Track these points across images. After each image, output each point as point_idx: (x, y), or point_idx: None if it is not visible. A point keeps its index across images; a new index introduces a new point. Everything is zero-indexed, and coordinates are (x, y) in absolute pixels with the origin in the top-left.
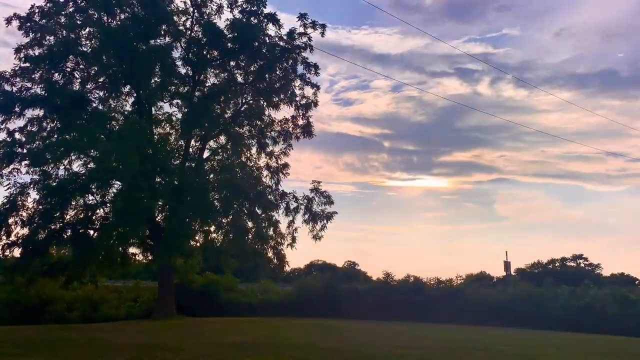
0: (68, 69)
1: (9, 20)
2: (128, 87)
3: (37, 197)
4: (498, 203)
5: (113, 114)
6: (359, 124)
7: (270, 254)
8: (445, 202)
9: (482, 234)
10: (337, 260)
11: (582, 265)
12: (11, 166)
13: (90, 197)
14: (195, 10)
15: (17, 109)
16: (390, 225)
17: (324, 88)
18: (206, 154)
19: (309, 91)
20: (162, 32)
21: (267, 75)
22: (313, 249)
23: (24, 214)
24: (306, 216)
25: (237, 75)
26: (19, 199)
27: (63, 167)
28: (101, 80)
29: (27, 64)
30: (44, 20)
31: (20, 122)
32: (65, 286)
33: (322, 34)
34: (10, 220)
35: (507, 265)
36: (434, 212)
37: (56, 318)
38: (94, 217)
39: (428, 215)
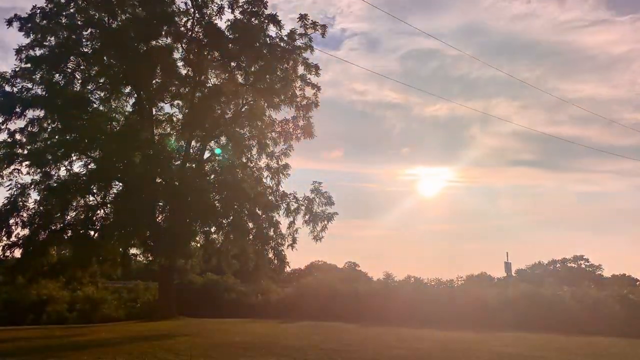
0: (69, 70)
1: (10, 21)
2: (129, 87)
3: (38, 197)
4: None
5: (114, 115)
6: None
7: (270, 255)
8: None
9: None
10: (337, 261)
11: (583, 266)
12: (12, 167)
13: (91, 198)
14: (196, 11)
15: (17, 110)
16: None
17: None
18: (207, 155)
19: (309, 92)
20: (163, 33)
21: (267, 76)
22: (313, 249)
23: (25, 214)
24: (307, 217)
25: (237, 75)
26: (20, 199)
27: (64, 167)
28: (102, 80)
29: (28, 65)
30: (45, 21)
31: (21, 123)
32: (66, 286)
33: (323, 34)
34: (11, 221)
35: (507, 266)
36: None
37: (56, 318)
38: (94, 218)
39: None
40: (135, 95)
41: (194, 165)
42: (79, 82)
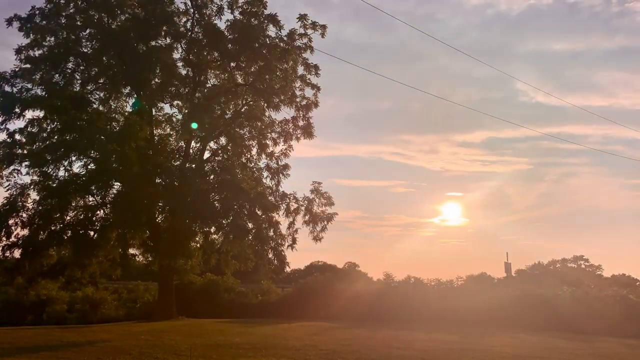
0: (68, 70)
1: (9, 21)
2: (128, 88)
3: (37, 198)
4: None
5: (113, 115)
6: None
7: (270, 255)
8: None
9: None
10: (337, 261)
11: (583, 266)
12: (11, 167)
13: (91, 198)
14: (196, 11)
15: (17, 110)
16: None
17: None
18: (206, 155)
19: (309, 92)
20: (163, 33)
21: (267, 76)
22: (313, 249)
23: (24, 215)
24: (306, 217)
25: (237, 76)
26: (19, 200)
27: (63, 168)
28: (101, 81)
29: (28, 65)
30: (44, 22)
31: (20, 123)
32: (65, 287)
33: (323, 35)
34: (11, 221)
35: (507, 266)
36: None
37: (56, 319)
38: (94, 218)
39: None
40: (135, 96)
41: (193, 165)
42: (79, 82)
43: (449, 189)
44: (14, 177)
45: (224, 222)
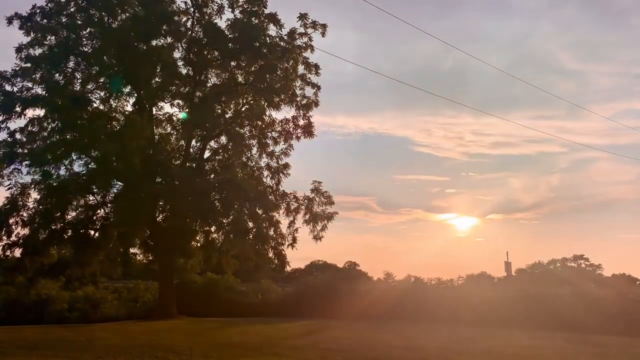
0: (69, 69)
1: (10, 20)
2: (129, 87)
3: (38, 197)
4: None
5: (114, 114)
6: None
7: (271, 254)
8: None
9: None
10: (337, 261)
11: (583, 265)
12: (12, 166)
13: (91, 197)
14: (196, 11)
15: (18, 109)
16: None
17: None
18: (207, 154)
19: (309, 91)
20: (163, 33)
21: (267, 76)
22: (314, 249)
23: (25, 214)
24: (307, 216)
25: (237, 75)
26: (20, 199)
27: (64, 167)
28: (102, 80)
29: (28, 64)
30: (45, 20)
31: (21, 122)
32: (66, 286)
33: (323, 34)
34: (11, 221)
35: (507, 265)
36: None
37: (56, 318)
38: (94, 218)
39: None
40: (135, 95)
41: (194, 164)
42: (79, 81)
43: (456, 185)
44: (15, 176)
45: (224, 221)
